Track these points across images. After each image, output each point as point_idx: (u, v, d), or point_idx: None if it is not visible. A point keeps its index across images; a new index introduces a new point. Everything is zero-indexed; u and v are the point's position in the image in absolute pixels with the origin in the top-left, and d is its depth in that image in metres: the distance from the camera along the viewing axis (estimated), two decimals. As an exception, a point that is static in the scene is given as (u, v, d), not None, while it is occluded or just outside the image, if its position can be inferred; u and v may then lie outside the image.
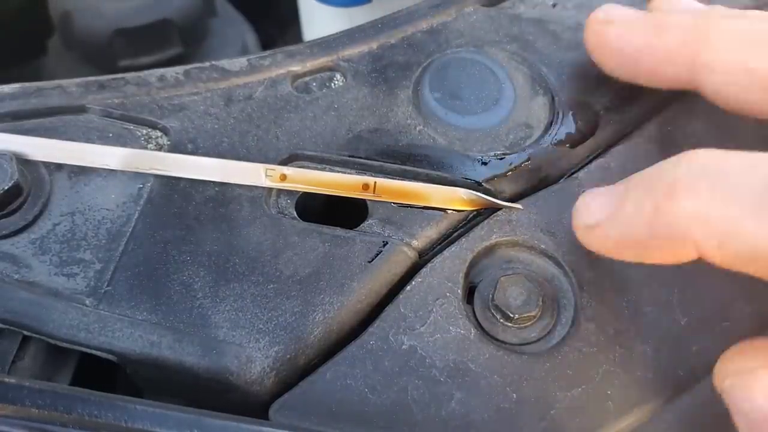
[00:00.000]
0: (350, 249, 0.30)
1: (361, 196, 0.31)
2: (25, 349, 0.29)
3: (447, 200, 0.31)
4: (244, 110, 0.33)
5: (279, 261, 0.30)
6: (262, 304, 0.29)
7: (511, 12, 0.37)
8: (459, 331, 0.29)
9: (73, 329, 0.28)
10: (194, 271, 0.30)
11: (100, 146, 0.32)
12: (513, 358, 0.28)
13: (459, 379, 0.28)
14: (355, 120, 0.33)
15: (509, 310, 0.29)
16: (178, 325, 0.29)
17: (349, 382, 0.28)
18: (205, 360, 0.28)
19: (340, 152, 0.32)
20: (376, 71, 0.35)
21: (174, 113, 0.33)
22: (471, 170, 0.32)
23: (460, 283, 0.30)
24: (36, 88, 0.33)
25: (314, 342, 0.29)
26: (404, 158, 0.32)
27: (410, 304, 0.29)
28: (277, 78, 0.34)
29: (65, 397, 0.25)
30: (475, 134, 0.33)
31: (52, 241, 0.30)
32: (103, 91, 0.33)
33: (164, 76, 0.34)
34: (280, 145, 0.33)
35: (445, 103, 0.33)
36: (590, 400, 0.28)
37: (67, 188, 0.31)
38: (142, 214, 0.31)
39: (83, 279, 0.29)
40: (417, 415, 0.27)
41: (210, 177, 0.31)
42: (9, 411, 0.25)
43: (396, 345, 0.29)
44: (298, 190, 0.32)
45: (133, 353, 0.28)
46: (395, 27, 0.36)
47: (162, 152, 0.32)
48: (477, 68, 0.34)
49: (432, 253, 0.31)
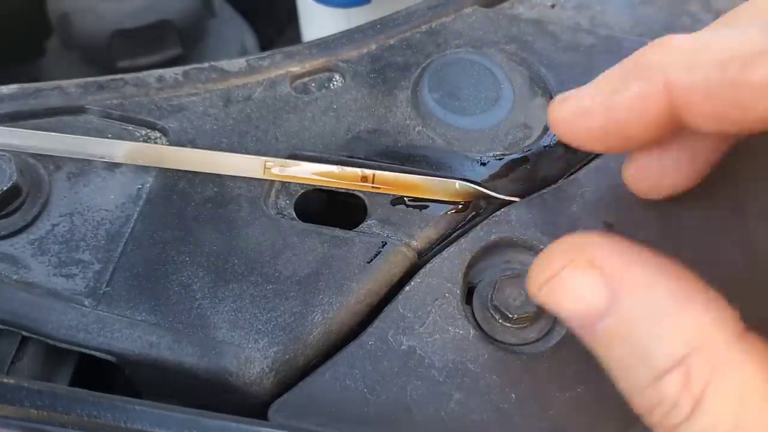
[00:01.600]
0: (349, 249, 0.30)
1: (360, 188, 0.31)
2: (24, 350, 0.29)
3: (442, 192, 0.31)
4: (243, 111, 0.33)
5: (278, 261, 0.30)
6: (261, 305, 0.29)
7: (509, 13, 0.37)
8: (458, 332, 0.29)
9: (72, 330, 0.28)
10: (193, 271, 0.30)
11: (101, 140, 0.32)
12: (512, 358, 0.28)
13: (458, 379, 0.28)
14: (354, 120, 0.33)
15: (508, 310, 0.29)
16: (177, 325, 0.29)
17: (348, 382, 0.28)
18: (204, 360, 0.28)
19: (339, 153, 0.32)
20: (375, 72, 0.35)
21: (173, 114, 0.33)
22: (470, 171, 0.32)
23: (459, 283, 0.30)
24: (35, 88, 0.33)
25: (313, 342, 0.29)
26: (403, 159, 0.32)
27: (409, 305, 0.29)
28: (276, 79, 0.34)
29: (64, 397, 0.25)
30: (474, 135, 0.33)
31: (51, 242, 0.30)
32: (102, 91, 0.33)
33: (163, 77, 0.34)
34: (279, 146, 0.33)
35: (444, 103, 0.33)
36: (589, 400, 0.28)
37: (66, 189, 0.31)
38: (141, 215, 0.31)
39: (82, 279, 0.29)
40: (416, 415, 0.27)
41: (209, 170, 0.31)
42: (8, 412, 0.25)
43: (395, 345, 0.29)
44: (297, 189, 0.32)
45: (132, 354, 0.28)
46: (394, 28, 0.36)
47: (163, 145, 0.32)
48: (476, 69, 0.34)
49: (431, 253, 0.31)
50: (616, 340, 0.23)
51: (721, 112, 0.22)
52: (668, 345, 0.22)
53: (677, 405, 0.22)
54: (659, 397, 0.22)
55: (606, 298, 0.23)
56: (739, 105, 0.22)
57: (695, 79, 0.22)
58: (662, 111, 0.24)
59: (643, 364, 0.22)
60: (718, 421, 0.21)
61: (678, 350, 0.22)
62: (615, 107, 0.24)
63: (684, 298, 0.23)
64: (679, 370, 0.22)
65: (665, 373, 0.22)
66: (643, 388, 0.22)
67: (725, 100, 0.22)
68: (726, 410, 0.21)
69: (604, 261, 0.24)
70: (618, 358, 0.23)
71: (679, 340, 0.22)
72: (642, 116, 0.24)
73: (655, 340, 0.22)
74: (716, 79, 0.22)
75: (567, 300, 0.24)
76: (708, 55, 0.22)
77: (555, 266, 0.25)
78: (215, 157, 0.32)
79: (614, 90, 0.25)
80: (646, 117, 0.24)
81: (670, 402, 0.22)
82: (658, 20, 0.37)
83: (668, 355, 0.22)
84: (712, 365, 0.21)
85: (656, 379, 0.22)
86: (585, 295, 0.24)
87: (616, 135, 0.25)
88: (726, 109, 0.22)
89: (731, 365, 0.21)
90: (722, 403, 0.21)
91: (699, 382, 0.21)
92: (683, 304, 0.22)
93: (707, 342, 0.22)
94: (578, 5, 0.37)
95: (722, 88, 0.22)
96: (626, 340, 0.23)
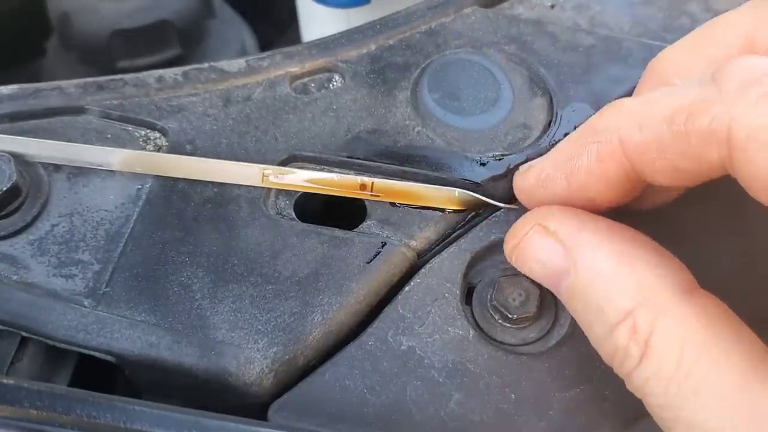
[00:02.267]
0: (349, 250, 0.30)
1: (359, 196, 0.31)
2: (24, 350, 0.29)
3: (442, 200, 0.31)
4: (242, 111, 0.33)
5: (278, 262, 0.30)
6: (261, 305, 0.29)
7: (509, 13, 0.37)
8: (458, 332, 0.29)
9: (71, 330, 0.28)
10: (193, 272, 0.30)
11: (98, 147, 0.32)
12: (512, 358, 0.28)
13: (458, 379, 0.28)
14: (353, 121, 0.33)
15: (508, 310, 0.29)
16: (176, 326, 0.29)
17: (347, 382, 0.28)
18: (203, 361, 0.28)
19: (339, 153, 0.32)
20: (374, 72, 0.35)
21: (172, 114, 0.33)
22: (469, 171, 0.32)
23: (458, 283, 0.30)
24: (34, 89, 0.33)
25: (313, 343, 0.29)
26: (403, 159, 0.32)
27: (409, 305, 0.29)
28: (275, 79, 0.34)
29: (64, 398, 0.25)
30: (474, 135, 0.33)
31: (51, 242, 0.30)
32: (102, 92, 0.33)
33: (163, 77, 0.34)
34: (279, 146, 0.33)
35: (444, 104, 0.33)
36: (588, 400, 0.28)
37: (66, 189, 0.31)
38: (141, 215, 0.31)
39: (82, 280, 0.29)
40: (416, 415, 0.27)
41: (208, 178, 0.31)
42: (8, 412, 0.25)
43: (395, 346, 0.29)
44: (297, 191, 0.32)
45: (131, 354, 0.28)
46: (394, 28, 0.36)
47: (160, 153, 0.32)
48: (475, 69, 0.34)
49: (431, 253, 0.31)
50: (576, 298, 0.26)
51: (677, 166, 0.24)
52: (616, 301, 0.24)
53: (628, 353, 0.24)
54: (614, 348, 0.24)
55: (563, 260, 0.26)
56: (691, 156, 0.23)
57: (646, 136, 0.24)
58: (621, 171, 0.25)
59: (598, 319, 0.25)
60: (662, 367, 0.23)
61: (625, 305, 0.24)
62: (575, 172, 0.26)
63: (629, 258, 0.25)
64: (626, 322, 0.24)
65: (615, 326, 0.24)
66: (602, 340, 0.25)
67: (677, 153, 0.23)
68: (669, 356, 0.23)
69: (559, 227, 0.26)
70: (581, 314, 0.26)
71: (625, 296, 0.24)
72: (602, 178, 0.26)
73: (605, 298, 0.25)
74: (665, 133, 0.23)
75: (531, 262, 0.27)
76: (656, 111, 0.24)
77: (520, 234, 0.27)
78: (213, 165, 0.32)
79: (573, 155, 0.26)
80: (606, 178, 0.26)
81: (623, 351, 0.24)
82: (657, 20, 0.37)
83: (617, 309, 0.24)
84: (654, 317, 0.24)
85: (609, 331, 0.24)
86: (543, 258, 0.26)
87: (580, 198, 0.27)
88: (680, 161, 0.23)
89: (673, 317, 0.23)
90: (665, 351, 0.23)
91: (644, 333, 0.24)
92: (628, 264, 0.25)
93: (650, 297, 0.24)
94: (577, 6, 0.37)
95: (672, 141, 0.23)
96: (583, 298, 0.25)
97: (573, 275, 0.26)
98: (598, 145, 0.25)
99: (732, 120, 0.22)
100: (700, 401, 0.22)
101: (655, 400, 0.23)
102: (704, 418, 0.22)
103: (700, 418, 0.22)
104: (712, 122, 0.22)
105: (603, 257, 0.25)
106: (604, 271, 0.25)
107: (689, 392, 0.22)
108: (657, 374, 0.23)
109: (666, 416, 0.23)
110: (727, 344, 0.23)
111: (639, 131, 0.24)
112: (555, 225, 0.26)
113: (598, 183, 0.26)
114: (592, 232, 0.26)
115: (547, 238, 0.26)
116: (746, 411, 0.22)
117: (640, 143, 0.24)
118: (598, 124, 0.26)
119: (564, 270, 0.26)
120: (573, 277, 0.26)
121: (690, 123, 0.23)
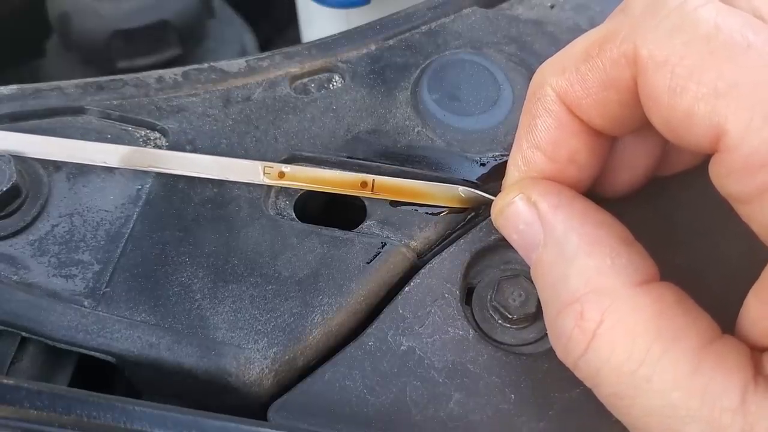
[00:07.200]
0: (349, 250, 0.30)
1: (360, 194, 0.31)
2: (24, 351, 0.29)
3: (445, 198, 0.31)
4: (242, 111, 0.33)
5: (278, 262, 0.30)
6: (261, 306, 0.29)
7: (509, 13, 0.37)
8: (457, 332, 0.29)
9: (71, 330, 0.28)
10: (193, 272, 0.30)
11: (98, 144, 0.32)
12: (511, 358, 0.28)
13: (458, 380, 0.28)
14: (353, 121, 0.33)
15: (508, 311, 0.29)
16: (176, 326, 0.29)
17: (347, 383, 0.28)
18: (203, 361, 0.28)
19: (339, 153, 0.32)
20: (374, 72, 0.35)
21: (172, 114, 0.33)
22: (469, 171, 0.32)
23: (458, 284, 0.30)
24: (34, 89, 0.33)
25: (313, 343, 0.29)
26: (402, 159, 0.32)
27: (409, 305, 0.29)
28: (275, 79, 0.34)
29: (64, 398, 0.25)
30: (474, 135, 0.33)
31: (51, 243, 0.30)
32: (102, 92, 0.33)
33: (162, 78, 0.34)
34: (279, 147, 0.33)
35: (444, 104, 0.33)
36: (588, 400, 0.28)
37: (66, 189, 0.31)
38: (141, 216, 0.31)
39: (82, 280, 0.30)
40: (416, 416, 0.27)
41: (208, 174, 0.31)
42: (7, 412, 0.25)
43: (394, 346, 0.29)
44: (297, 189, 0.32)
45: (131, 354, 0.28)
46: (394, 28, 0.36)
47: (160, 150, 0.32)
48: (475, 69, 0.34)
49: (430, 254, 0.31)
50: (539, 274, 0.26)
51: (601, 99, 0.24)
52: (570, 284, 0.24)
53: (572, 340, 0.24)
54: (558, 332, 0.24)
55: (538, 233, 0.26)
56: (609, 84, 0.24)
57: (570, 76, 0.25)
58: (573, 123, 0.26)
59: (551, 298, 0.25)
60: (609, 359, 0.23)
61: (576, 288, 0.24)
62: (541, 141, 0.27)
63: (592, 243, 0.25)
64: (574, 307, 0.24)
65: (562, 309, 0.24)
66: (550, 320, 0.25)
67: (597, 84, 0.24)
68: (617, 348, 0.23)
69: (539, 199, 0.26)
70: (541, 292, 0.26)
71: (579, 280, 0.24)
72: (562, 135, 0.26)
73: (562, 279, 0.24)
74: (583, 68, 0.24)
75: (510, 229, 0.27)
76: (574, 51, 0.25)
77: (507, 198, 0.27)
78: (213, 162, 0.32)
79: (530, 125, 0.27)
80: (567, 133, 0.26)
81: (566, 336, 0.24)
82: (658, 21, 0.37)
83: (567, 292, 0.24)
84: (605, 306, 0.23)
85: (557, 313, 0.24)
86: (521, 228, 0.26)
87: (564, 170, 0.27)
88: (601, 92, 0.24)
89: (626, 307, 0.23)
90: (614, 342, 0.23)
91: (591, 321, 0.23)
92: (590, 249, 0.24)
93: (604, 285, 0.24)
94: (577, 6, 0.37)
95: (591, 73, 0.24)
96: (544, 275, 0.25)
97: (542, 249, 0.26)
98: (540, 102, 0.26)
99: (636, 39, 0.23)
100: (654, 387, 0.22)
101: (609, 390, 0.23)
102: (660, 404, 0.22)
103: (655, 404, 0.22)
104: (621, 45, 0.23)
105: (570, 238, 0.25)
106: (566, 252, 0.25)
107: (642, 380, 0.22)
108: (608, 364, 0.23)
109: (621, 404, 0.23)
110: (681, 331, 0.23)
111: (563, 74, 0.25)
112: (536, 197, 0.26)
113: (564, 143, 0.26)
114: (567, 211, 0.26)
115: (529, 209, 0.26)
116: (699, 393, 0.22)
117: (567, 85, 0.25)
118: (534, 82, 0.27)
119: (536, 242, 0.26)
120: (541, 251, 0.26)
121: (602, 51, 0.24)
